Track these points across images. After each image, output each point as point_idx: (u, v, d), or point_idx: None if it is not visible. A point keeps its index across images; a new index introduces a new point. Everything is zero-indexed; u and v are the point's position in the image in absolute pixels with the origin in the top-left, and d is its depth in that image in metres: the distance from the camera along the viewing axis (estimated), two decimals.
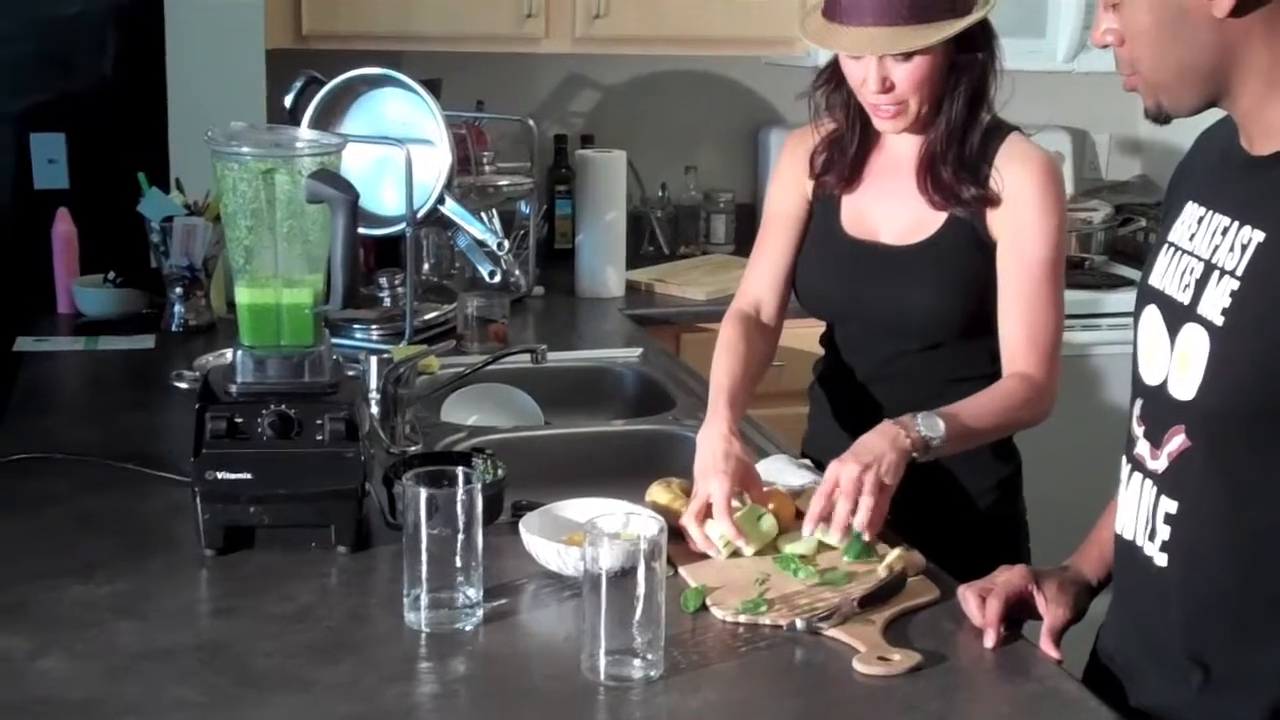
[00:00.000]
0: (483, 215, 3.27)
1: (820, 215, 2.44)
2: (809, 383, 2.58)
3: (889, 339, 2.37)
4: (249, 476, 1.97)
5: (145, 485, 2.24)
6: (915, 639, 1.80)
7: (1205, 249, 1.63)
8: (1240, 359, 1.57)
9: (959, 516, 2.35)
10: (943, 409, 2.13)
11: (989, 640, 1.79)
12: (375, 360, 2.46)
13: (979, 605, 1.82)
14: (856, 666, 1.72)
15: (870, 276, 2.36)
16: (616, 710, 1.64)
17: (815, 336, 2.56)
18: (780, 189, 2.49)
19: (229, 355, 2.11)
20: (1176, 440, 1.64)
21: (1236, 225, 1.59)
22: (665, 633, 1.69)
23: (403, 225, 3.00)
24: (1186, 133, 1.81)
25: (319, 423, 2.00)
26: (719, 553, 2.00)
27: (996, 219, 2.27)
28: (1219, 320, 1.58)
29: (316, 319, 2.06)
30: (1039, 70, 4.14)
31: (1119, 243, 4.33)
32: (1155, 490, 1.68)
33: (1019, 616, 1.85)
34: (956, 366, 2.33)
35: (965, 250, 2.28)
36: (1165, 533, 1.67)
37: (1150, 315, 1.70)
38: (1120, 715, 1.66)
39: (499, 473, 2.11)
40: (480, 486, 1.82)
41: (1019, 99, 2.34)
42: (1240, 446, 1.60)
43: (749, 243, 4.38)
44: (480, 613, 1.82)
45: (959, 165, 2.27)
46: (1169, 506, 1.66)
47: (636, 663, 1.67)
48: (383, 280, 3.24)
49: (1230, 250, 1.59)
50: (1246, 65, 1.57)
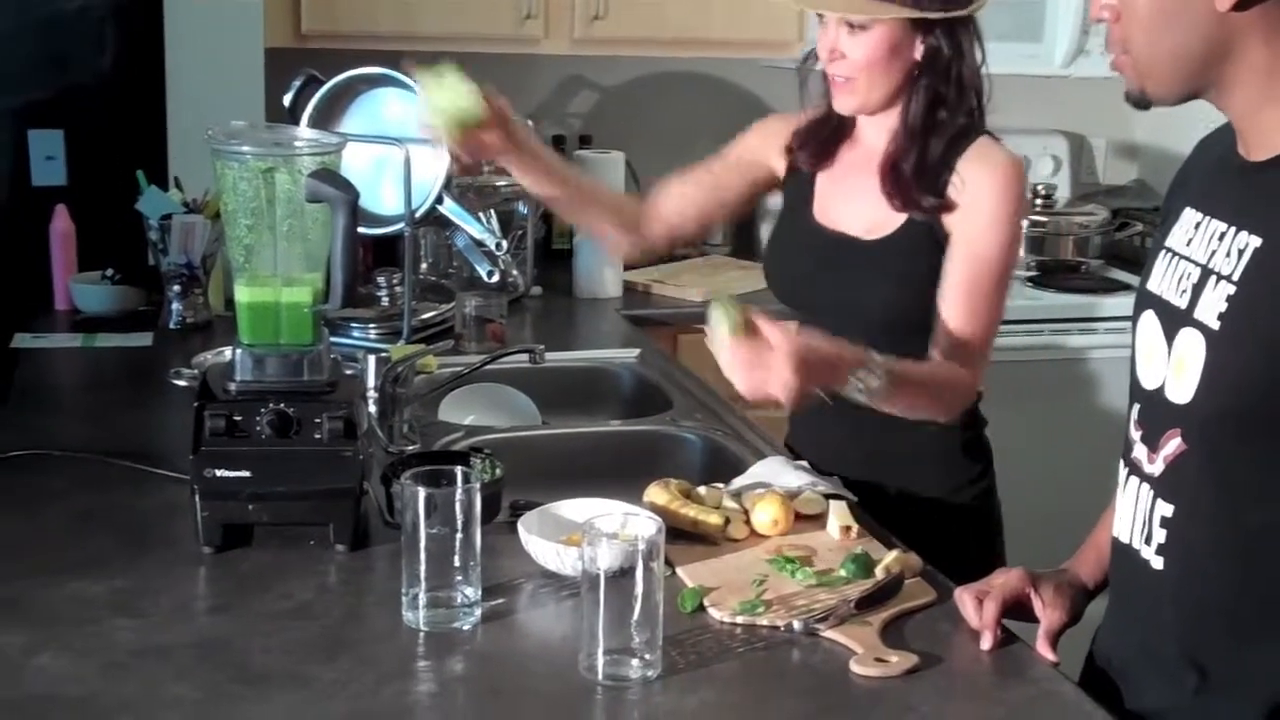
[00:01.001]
0: (481, 215, 3.26)
1: (792, 200, 2.49)
2: None
3: (853, 330, 2.35)
4: (247, 474, 1.98)
5: (143, 482, 2.24)
6: (912, 640, 1.80)
7: (1202, 254, 1.63)
8: (1236, 363, 1.57)
9: (931, 515, 2.36)
10: (894, 371, 2.11)
11: (986, 642, 1.79)
12: (373, 359, 2.46)
13: (976, 607, 1.83)
14: (854, 668, 1.72)
15: (834, 267, 2.38)
16: (614, 710, 1.65)
17: None
18: (744, 139, 2.57)
19: (227, 353, 2.11)
20: (1173, 444, 1.65)
21: (1233, 231, 1.60)
22: (663, 633, 1.70)
23: (401, 225, 3.00)
24: (1184, 138, 1.82)
25: (317, 421, 2.00)
26: None
27: (952, 217, 2.28)
28: (1215, 325, 1.58)
29: (315, 318, 2.06)
30: (1036, 75, 4.15)
31: (1116, 247, 4.34)
32: (1151, 494, 1.68)
33: (1016, 619, 1.86)
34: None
35: (923, 249, 2.29)
36: (1161, 536, 1.67)
37: (1148, 320, 1.71)
38: (1116, 718, 1.67)
39: (497, 472, 2.11)
40: (478, 486, 1.83)
41: (1017, 103, 2.36)
42: (1236, 450, 1.60)
43: (746, 243, 4.43)
44: (478, 612, 1.82)
45: (918, 171, 2.28)
46: (1165, 510, 1.67)
47: (634, 663, 1.67)
48: (381, 280, 3.24)
49: (1227, 255, 1.59)
50: (1242, 62, 1.56)
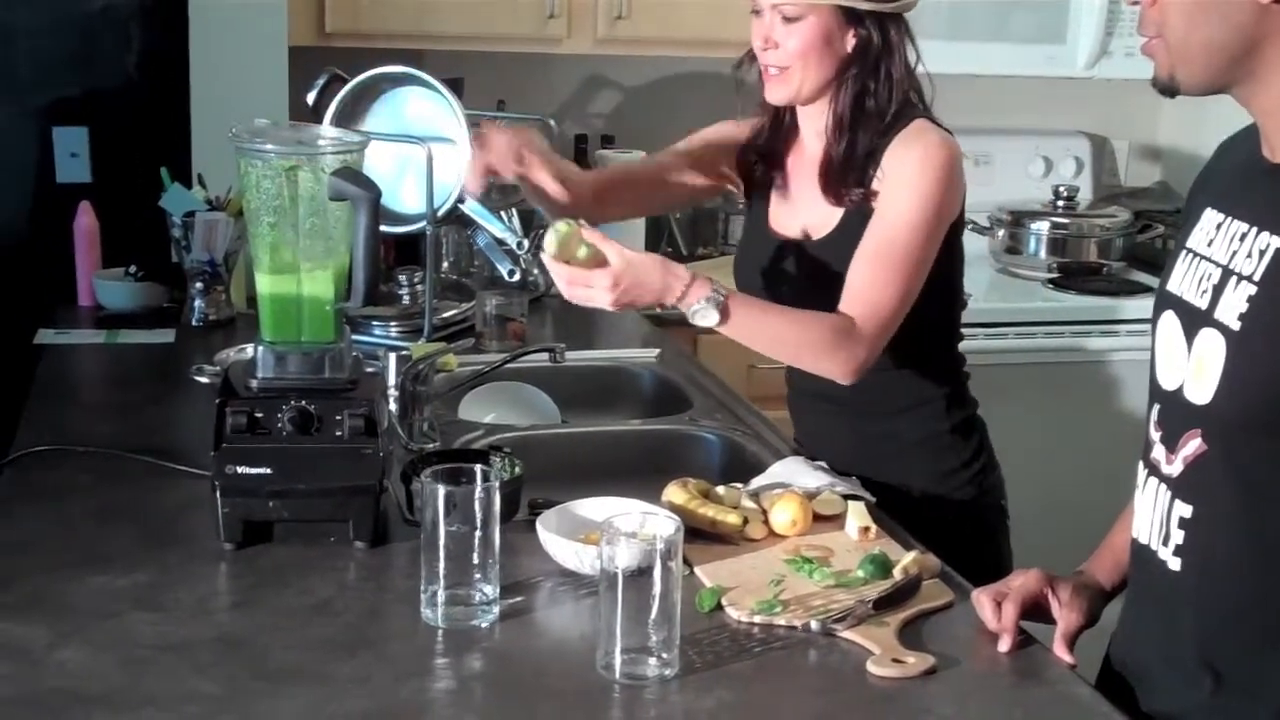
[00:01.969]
0: (503, 214, 3.26)
1: (753, 212, 2.55)
2: None
3: None
4: (268, 471, 1.98)
5: (164, 478, 2.25)
6: (929, 642, 1.80)
7: (1223, 255, 1.63)
8: (1256, 363, 1.57)
9: (926, 501, 2.37)
10: (739, 303, 2.17)
11: (1004, 645, 1.79)
12: (394, 357, 2.46)
13: (994, 609, 1.83)
14: (870, 668, 1.72)
15: (787, 272, 2.43)
16: (631, 708, 1.65)
17: None
18: (698, 138, 2.66)
19: (249, 350, 2.12)
20: (1192, 444, 1.65)
21: (1255, 231, 1.59)
22: (680, 632, 1.70)
23: (423, 223, 3.00)
24: (1206, 140, 1.81)
25: (338, 418, 2.01)
26: None
27: (877, 198, 2.31)
28: (1235, 325, 1.58)
29: (337, 315, 2.07)
30: (1060, 76, 4.15)
31: (1138, 249, 4.33)
32: (1170, 494, 1.68)
33: (1033, 620, 1.86)
34: (896, 348, 2.30)
35: (859, 241, 2.30)
36: (1179, 537, 1.67)
37: (1168, 320, 1.71)
38: None
39: (516, 471, 2.12)
40: (498, 484, 1.83)
41: (1039, 104, 2.37)
42: (1255, 451, 1.60)
43: None
44: (497, 610, 1.83)
45: (845, 162, 2.31)
46: (1183, 511, 1.67)
47: (651, 661, 1.68)
48: (402, 278, 3.25)
49: (1248, 256, 1.59)
50: (1274, 59, 1.55)
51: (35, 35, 3.53)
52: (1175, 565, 1.68)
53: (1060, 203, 4.31)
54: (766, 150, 2.49)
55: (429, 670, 1.73)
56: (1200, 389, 1.63)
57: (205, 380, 2.66)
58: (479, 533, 1.80)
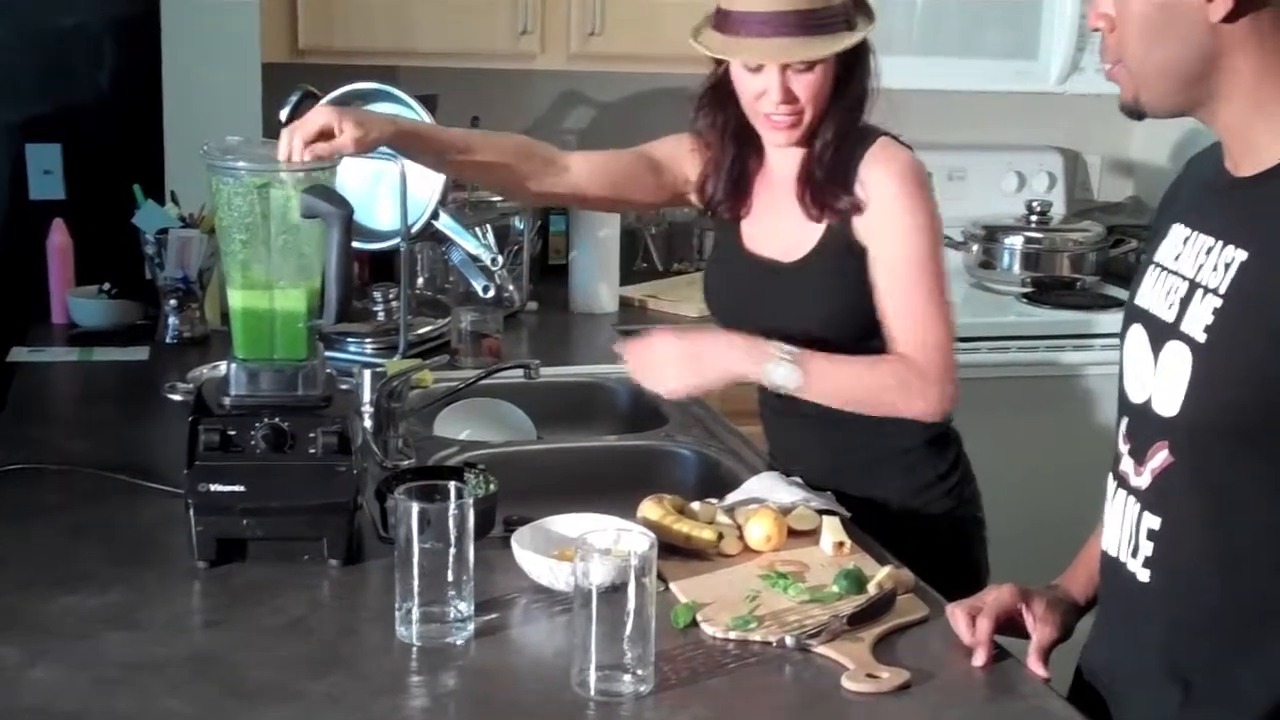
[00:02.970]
0: (477, 230, 3.27)
1: (721, 231, 2.55)
2: None
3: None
4: (242, 489, 1.98)
5: (138, 496, 2.24)
6: (904, 657, 1.80)
7: (1190, 268, 1.64)
8: (1222, 375, 1.58)
9: (901, 515, 2.37)
10: (809, 358, 2.20)
11: (979, 659, 1.79)
12: (369, 374, 2.46)
13: (969, 624, 1.83)
14: (845, 684, 1.72)
15: (763, 293, 2.41)
16: None
17: None
18: (660, 146, 2.58)
19: (223, 368, 2.11)
20: (1159, 456, 1.65)
21: (1220, 245, 1.61)
22: (655, 648, 1.70)
23: (397, 240, 3.01)
24: (1179, 155, 1.83)
25: (312, 436, 2.01)
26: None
27: (862, 224, 2.30)
28: (1201, 337, 1.59)
29: (310, 332, 2.07)
30: (1032, 91, 4.16)
31: (1111, 264, 4.34)
32: (1139, 506, 1.69)
33: (1007, 635, 1.86)
34: None
35: (844, 258, 2.31)
36: (1148, 549, 1.68)
37: (1135, 334, 1.72)
38: None
39: (491, 487, 2.11)
40: (472, 501, 1.83)
41: (1012, 119, 2.37)
42: (1221, 462, 1.61)
43: None
44: (471, 627, 1.82)
45: (831, 175, 2.30)
46: (1152, 522, 1.67)
47: (626, 678, 1.68)
48: (377, 294, 3.25)
49: (1214, 269, 1.60)
50: (1232, 77, 1.57)
51: (8, 52, 3.52)
52: (1144, 577, 1.69)
53: (1033, 218, 4.32)
54: (733, 183, 2.44)
55: (403, 688, 1.72)
56: (1167, 401, 1.64)
57: (178, 398, 2.66)
58: (453, 550, 1.79)
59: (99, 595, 1.91)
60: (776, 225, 2.40)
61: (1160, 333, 1.66)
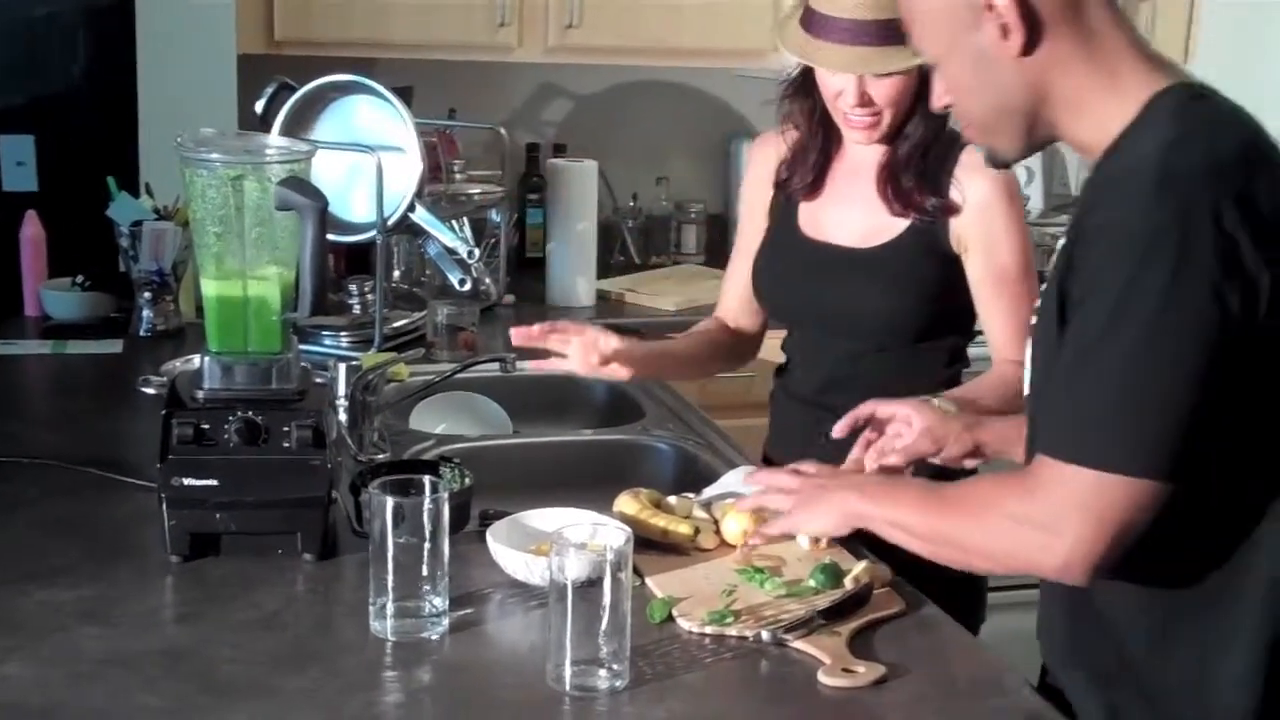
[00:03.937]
0: (453, 223, 3.26)
1: (779, 217, 2.50)
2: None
3: (844, 341, 2.43)
4: (215, 483, 1.97)
5: (111, 491, 2.22)
6: (880, 651, 1.80)
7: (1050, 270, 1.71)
8: (1038, 363, 1.66)
9: None
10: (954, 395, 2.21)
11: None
12: (344, 367, 2.45)
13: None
14: (821, 678, 1.72)
15: (826, 277, 2.41)
16: None
17: (777, 346, 2.62)
18: (751, 193, 2.55)
19: (196, 361, 2.10)
20: None
21: (1063, 239, 1.67)
22: (631, 643, 1.70)
23: (373, 232, 3.00)
24: None
25: (286, 430, 1.99)
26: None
27: (961, 229, 2.33)
28: (1033, 324, 1.69)
29: (285, 325, 2.06)
30: None
31: None
32: None
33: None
34: (914, 372, 2.38)
35: (924, 257, 2.34)
36: None
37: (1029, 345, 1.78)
38: None
39: (466, 482, 2.11)
40: (447, 495, 1.82)
41: None
42: None
43: (720, 253, 4.41)
44: (446, 622, 1.81)
45: (920, 175, 2.32)
46: None
47: (602, 673, 1.67)
48: (353, 287, 3.24)
49: (1050, 262, 1.68)
50: (1055, 98, 1.62)
51: None
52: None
53: None
54: (809, 167, 2.44)
55: (378, 683, 1.72)
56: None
57: (152, 391, 2.64)
58: (428, 544, 1.78)
59: (71, 590, 1.90)
60: (848, 213, 2.40)
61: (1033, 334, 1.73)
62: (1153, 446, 1.51)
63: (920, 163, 2.32)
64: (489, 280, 3.56)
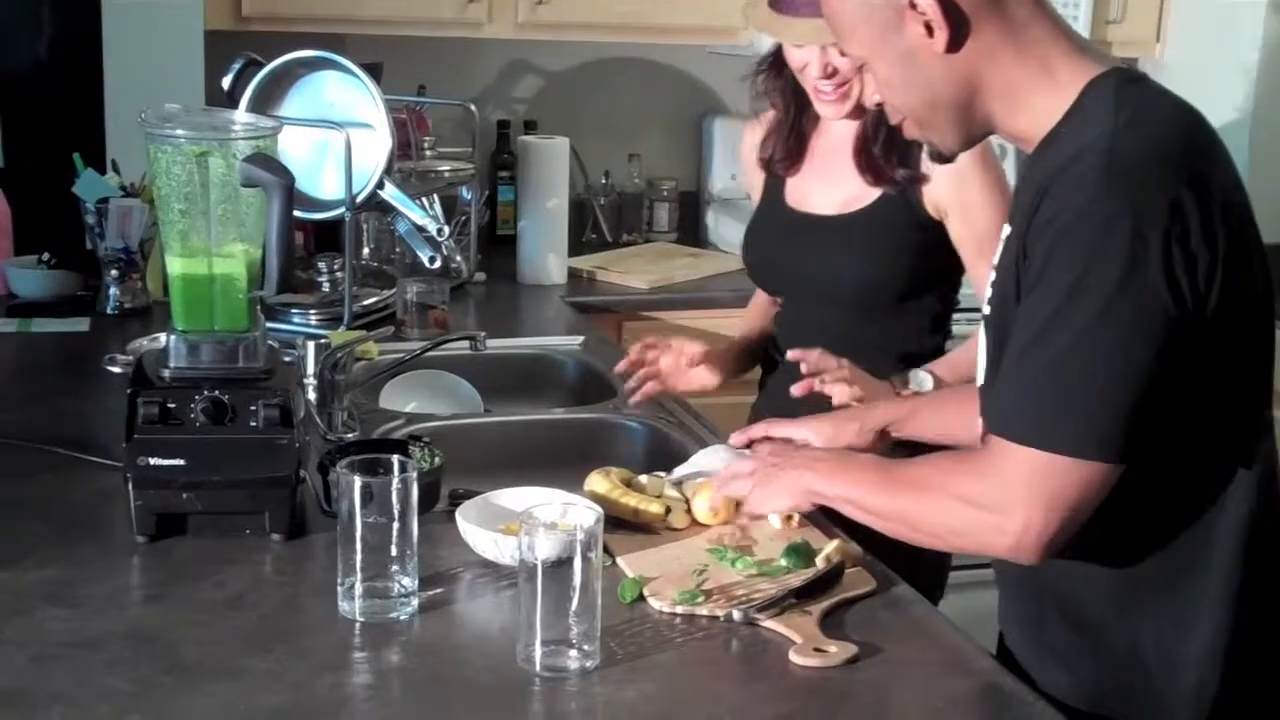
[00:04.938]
0: (423, 200, 3.24)
1: (767, 192, 2.59)
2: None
3: (827, 306, 2.49)
4: (182, 462, 1.95)
5: (76, 470, 2.20)
6: (852, 631, 1.80)
7: (998, 259, 1.71)
8: (997, 347, 1.65)
9: None
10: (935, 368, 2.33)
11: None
12: (313, 345, 2.43)
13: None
14: (793, 658, 1.71)
15: (806, 244, 2.49)
16: (552, 701, 1.63)
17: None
18: (748, 180, 2.68)
19: (163, 339, 2.08)
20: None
21: (1008, 228, 1.68)
22: (602, 623, 1.69)
23: (342, 210, 2.98)
24: None
25: (253, 409, 1.98)
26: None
27: (936, 196, 2.38)
28: (988, 313, 1.69)
29: (251, 304, 2.04)
30: None
31: None
32: None
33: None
34: (899, 338, 2.46)
35: (898, 223, 2.41)
36: None
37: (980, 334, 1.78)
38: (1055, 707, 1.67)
39: (436, 461, 2.09)
40: (416, 475, 1.81)
41: None
42: None
43: (692, 231, 4.42)
44: (415, 602, 1.80)
45: (888, 147, 2.38)
46: None
47: (572, 653, 1.66)
48: (322, 265, 3.22)
49: (1000, 251, 1.69)
50: (987, 91, 1.63)
51: None
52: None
53: None
54: (788, 143, 2.52)
55: (346, 664, 1.70)
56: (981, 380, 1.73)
57: (118, 370, 2.61)
58: (397, 524, 1.77)
59: (36, 570, 1.88)
60: (829, 184, 2.47)
61: (985, 324, 1.73)
62: (1103, 429, 1.52)
63: (889, 133, 2.34)
64: (459, 258, 3.55)
